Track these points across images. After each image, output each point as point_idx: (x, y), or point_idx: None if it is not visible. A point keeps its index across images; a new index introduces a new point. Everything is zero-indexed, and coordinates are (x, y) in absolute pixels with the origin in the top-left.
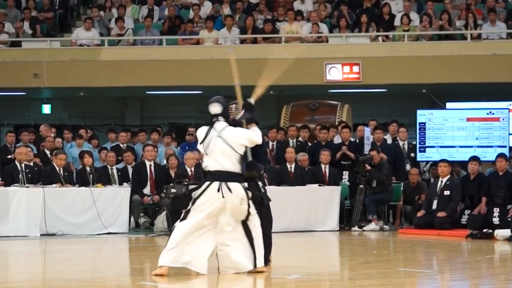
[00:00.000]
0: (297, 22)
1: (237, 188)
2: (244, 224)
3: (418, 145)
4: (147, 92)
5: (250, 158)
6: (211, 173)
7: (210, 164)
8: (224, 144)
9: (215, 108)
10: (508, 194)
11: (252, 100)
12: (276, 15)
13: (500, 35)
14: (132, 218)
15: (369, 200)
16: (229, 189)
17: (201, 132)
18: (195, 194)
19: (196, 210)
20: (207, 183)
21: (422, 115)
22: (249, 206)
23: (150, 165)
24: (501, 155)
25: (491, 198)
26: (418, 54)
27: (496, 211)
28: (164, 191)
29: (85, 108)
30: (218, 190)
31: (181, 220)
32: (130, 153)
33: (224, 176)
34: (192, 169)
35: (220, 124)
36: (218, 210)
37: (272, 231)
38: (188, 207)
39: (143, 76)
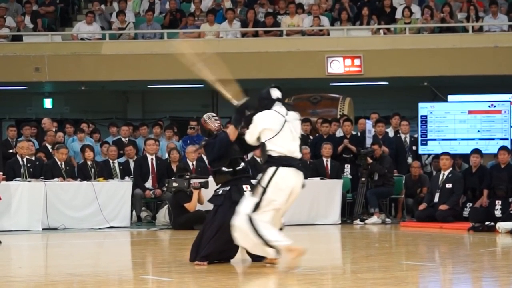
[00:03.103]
0: (298, 15)
1: (302, 174)
2: None
3: (419, 138)
4: (149, 86)
5: None
6: (279, 158)
7: (278, 148)
8: (293, 129)
9: (277, 92)
10: (510, 186)
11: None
12: (277, 8)
13: (502, 27)
14: (134, 212)
15: (371, 193)
16: (299, 175)
17: (266, 115)
18: (259, 181)
19: (271, 199)
20: (273, 168)
21: (424, 108)
22: None
23: (152, 159)
24: (503, 148)
25: (493, 190)
26: (420, 46)
27: (498, 203)
28: (166, 185)
29: (86, 102)
30: (291, 176)
31: (255, 210)
32: (131, 147)
33: (293, 161)
34: (194, 163)
35: (282, 108)
36: (287, 196)
37: None
38: (259, 198)
39: (145, 70)
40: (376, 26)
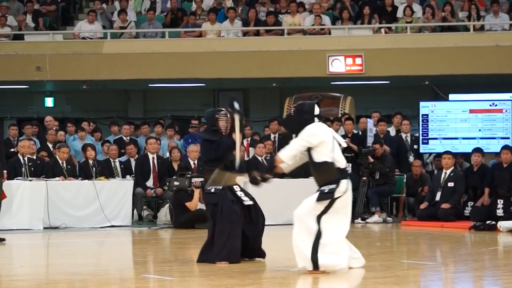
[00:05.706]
0: (299, 14)
1: None
2: None
3: (421, 137)
4: (150, 85)
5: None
6: (343, 171)
7: (341, 160)
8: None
9: (318, 109)
10: None
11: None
12: (279, 7)
13: (503, 26)
14: (135, 211)
15: (372, 192)
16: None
17: (323, 128)
18: (332, 193)
19: (341, 212)
20: (345, 181)
21: (425, 107)
22: None
23: (153, 158)
24: (506, 147)
25: (495, 189)
26: (421, 45)
27: (500, 202)
28: (167, 184)
29: (88, 101)
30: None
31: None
32: (133, 146)
33: (347, 173)
34: (195, 161)
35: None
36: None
37: (275, 223)
38: (325, 208)
39: (146, 69)
40: (377, 25)
